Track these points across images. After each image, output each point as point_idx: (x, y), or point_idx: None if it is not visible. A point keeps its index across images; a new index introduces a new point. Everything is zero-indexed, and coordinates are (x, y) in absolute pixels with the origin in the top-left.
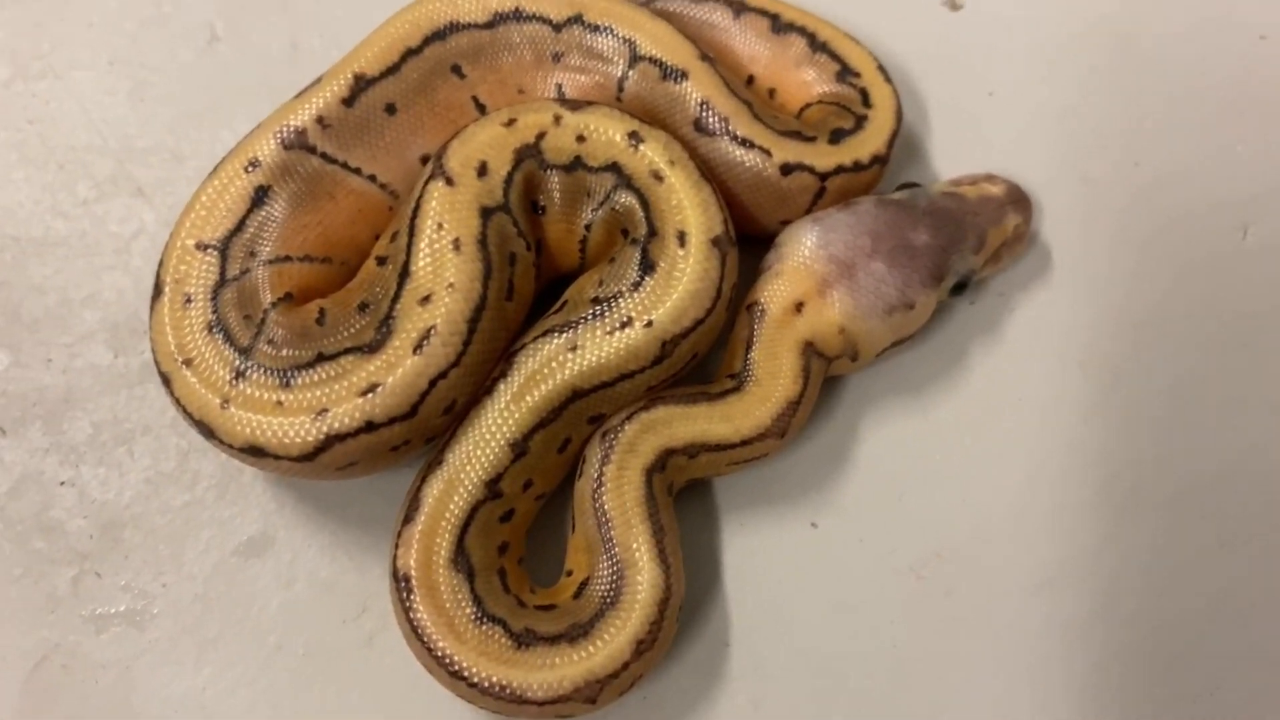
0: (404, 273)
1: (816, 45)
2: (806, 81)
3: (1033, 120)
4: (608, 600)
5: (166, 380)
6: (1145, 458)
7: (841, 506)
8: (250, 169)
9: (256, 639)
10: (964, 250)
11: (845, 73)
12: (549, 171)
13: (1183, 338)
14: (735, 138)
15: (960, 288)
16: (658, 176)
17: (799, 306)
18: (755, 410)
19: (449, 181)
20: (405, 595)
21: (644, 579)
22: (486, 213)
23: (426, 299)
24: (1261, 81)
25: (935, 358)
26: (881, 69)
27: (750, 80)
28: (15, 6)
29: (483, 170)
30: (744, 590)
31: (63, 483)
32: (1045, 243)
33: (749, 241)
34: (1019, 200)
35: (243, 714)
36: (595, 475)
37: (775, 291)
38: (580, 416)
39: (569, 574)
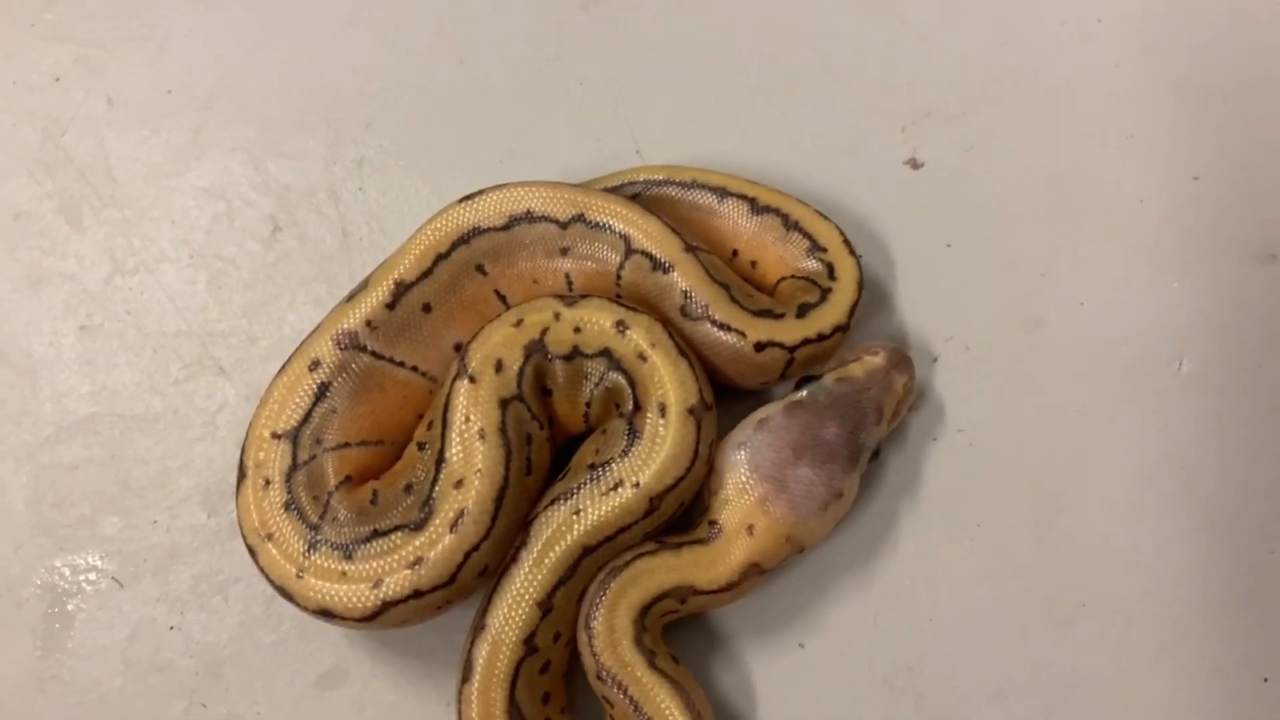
0: (440, 459)
1: (790, 224)
2: (782, 256)
3: (984, 268)
4: None
5: (253, 552)
6: (1088, 578)
7: (825, 628)
8: (313, 368)
9: None
10: (869, 426)
11: (814, 248)
12: (553, 361)
13: (1121, 465)
14: (715, 321)
15: (874, 455)
16: (642, 357)
17: (750, 529)
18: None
19: (472, 380)
20: None
21: None
22: (504, 403)
23: (459, 483)
24: (1195, 221)
25: (899, 496)
26: (847, 242)
27: (734, 254)
28: (111, 209)
29: (499, 367)
30: (747, 706)
31: (171, 628)
32: (997, 381)
33: (735, 396)
34: (900, 361)
35: None
36: (587, 625)
37: (728, 517)
38: (591, 568)
39: None
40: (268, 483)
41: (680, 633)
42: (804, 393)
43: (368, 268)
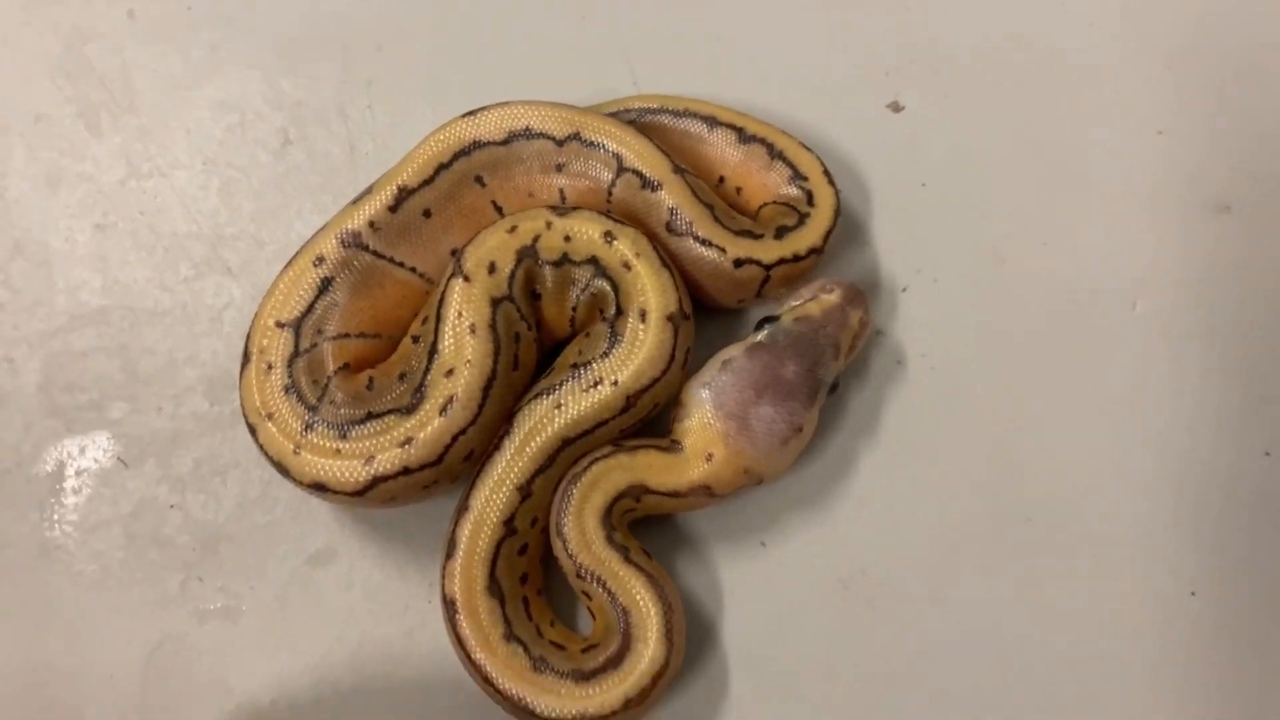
0: (433, 350)
1: (774, 153)
2: (765, 183)
3: (956, 207)
4: (611, 660)
5: (253, 430)
6: (1037, 497)
7: (787, 531)
8: (317, 264)
9: (322, 631)
10: (827, 362)
11: (796, 176)
12: (543, 266)
13: (1074, 395)
14: (697, 238)
15: (833, 389)
16: (626, 266)
17: (709, 457)
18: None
19: (466, 279)
20: (452, 615)
21: (646, 654)
22: (495, 302)
23: (450, 372)
24: (1157, 173)
25: (865, 417)
26: (827, 173)
27: (721, 180)
28: (128, 117)
29: (492, 269)
30: (712, 602)
31: (172, 506)
32: (963, 312)
33: (712, 313)
34: (854, 298)
35: (310, 690)
36: (559, 531)
37: (691, 443)
38: (569, 460)
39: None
40: (270, 367)
41: (649, 532)
42: (764, 334)
43: (372, 180)
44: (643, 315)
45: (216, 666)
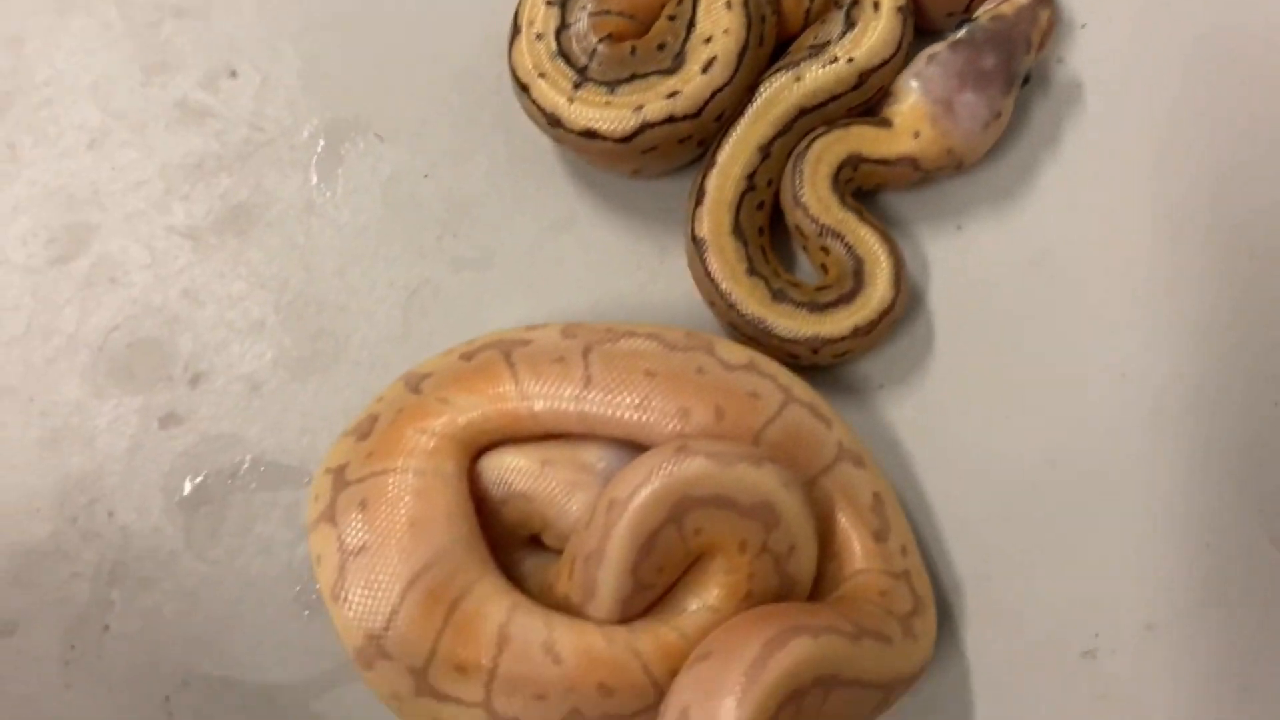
0: (690, 23)
1: None
2: None
3: None
4: (844, 297)
5: (525, 88)
6: None
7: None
8: None
9: (565, 283)
10: (1020, 56)
11: None
12: None
13: None
14: None
15: (1025, 81)
16: None
17: (917, 134)
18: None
19: None
20: (701, 253)
21: (876, 294)
22: None
23: (708, 39)
24: None
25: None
26: None
27: None
28: None
29: None
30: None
31: (426, 175)
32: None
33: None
34: None
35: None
36: (797, 201)
37: (901, 122)
38: (804, 129)
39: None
40: (539, 36)
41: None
42: (963, 31)
43: None
44: (876, 4)
45: (471, 308)
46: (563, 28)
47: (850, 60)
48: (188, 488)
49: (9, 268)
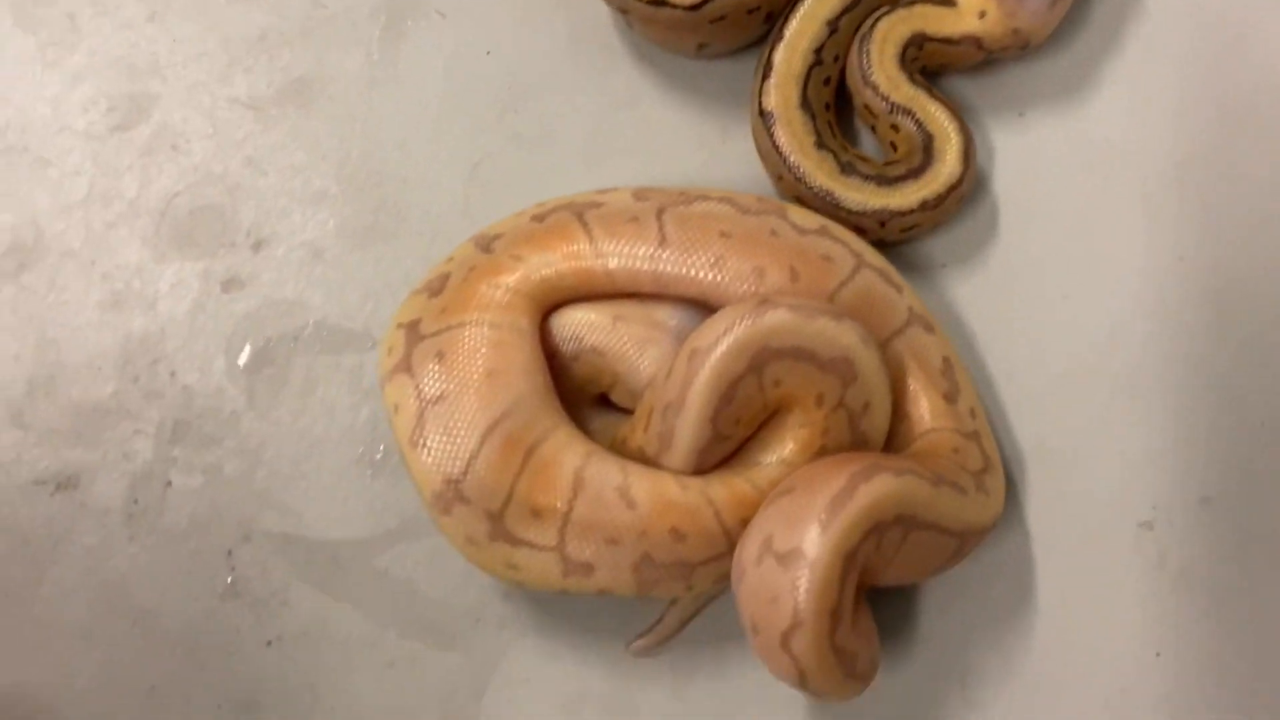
0: None
1: None
2: None
3: None
4: (913, 172)
5: None
6: None
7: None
8: None
9: (628, 158)
10: None
11: None
12: None
13: None
14: None
15: None
16: None
17: (982, 14)
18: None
19: None
20: (769, 126)
21: (945, 169)
22: None
23: None
24: None
25: None
26: None
27: None
28: None
29: None
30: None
31: (488, 53)
32: None
33: None
34: None
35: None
36: (867, 80)
37: (966, 2)
38: (870, 6)
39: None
40: None
41: None
42: None
43: None
44: None
45: (530, 183)
46: None
47: None
48: (250, 350)
49: (70, 134)
